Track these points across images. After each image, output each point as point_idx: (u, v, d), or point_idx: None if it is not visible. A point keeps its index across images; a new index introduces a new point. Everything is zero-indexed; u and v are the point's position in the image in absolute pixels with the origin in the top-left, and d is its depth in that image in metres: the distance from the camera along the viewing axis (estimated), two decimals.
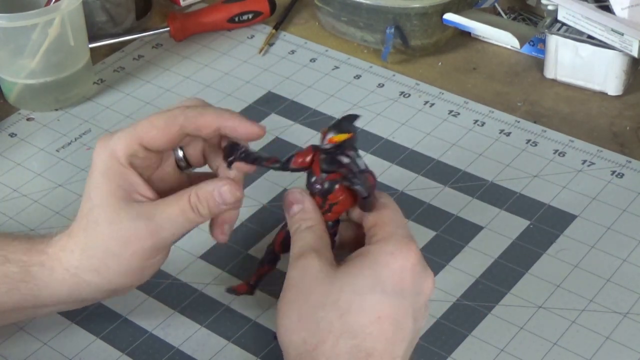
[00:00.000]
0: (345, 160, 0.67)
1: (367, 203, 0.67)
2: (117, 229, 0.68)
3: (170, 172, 0.72)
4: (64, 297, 0.70)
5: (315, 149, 0.69)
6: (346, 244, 0.70)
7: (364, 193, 0.67)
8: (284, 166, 0.70)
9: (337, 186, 0.68)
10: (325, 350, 0.62)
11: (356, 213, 0.69)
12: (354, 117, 0.70)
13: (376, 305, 0.63)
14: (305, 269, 0.64)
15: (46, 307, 0.72)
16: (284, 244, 0.71)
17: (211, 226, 0.72)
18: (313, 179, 0.69)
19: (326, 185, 0.68)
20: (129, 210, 0.68)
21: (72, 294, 0.70)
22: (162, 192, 0.70)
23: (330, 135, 0.68)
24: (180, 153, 0.73)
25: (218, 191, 0.68)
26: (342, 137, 0.68)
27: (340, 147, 0.68)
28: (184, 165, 0.73)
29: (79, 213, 0.70)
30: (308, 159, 0.69)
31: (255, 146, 0.80)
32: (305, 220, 0.68)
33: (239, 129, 0.69)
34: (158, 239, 0.68)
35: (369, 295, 0.63)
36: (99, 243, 0.68)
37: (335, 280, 0.63)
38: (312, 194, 0.69)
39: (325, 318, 0.62)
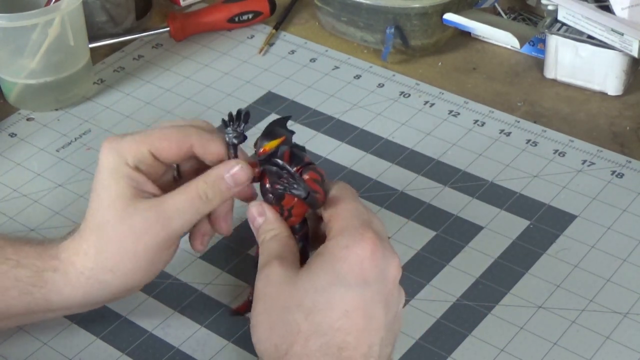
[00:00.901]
0: (274, 169, 0.69)
1: (311, 202, 0.68)
2: (129, 225, 0.68)
3: (168, 184, 0.73)
4: (77, 301, 0.70)
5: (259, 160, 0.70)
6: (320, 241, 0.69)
7: (301, 195, 0.67)
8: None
9: (283, 194, 0.69)
10: (297, 352, 0.62)
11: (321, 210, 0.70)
12: (285, 119, 0.71)
13: (341, 300, 0.63)
14: (269, 278, 0.65)
15: (57, 311, 0.72)
16: None
17: (191, 236, 0.73)
18: (263, 190, 0.70)
19: (275, 193, 0.69)
20: (139, 206, 0.69)
21: (86, 297, 0.70)
22: None
23: (263, 144, 0.69)
24: (175, 166, 0.74)
25: (230, 174, 0.69)
26: (273, 143, 0.69)
27: (271, 156, 0.69)
28: (177, 178, 0.74)
29: (88, 214, 0.70)
30: (256, 171, 0.70)
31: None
32: (268, 231, 0.69)
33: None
34: (169, 231, 0.69)
35: (332, 291, 0.63)
36: (113, 241, 0.69)
37: (297, 282, 0.64)
38: (269, 204, 0.70)
39: (292, 321, 0.63)
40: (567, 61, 0.98)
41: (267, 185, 0.70)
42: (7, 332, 0.75)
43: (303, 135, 0.93)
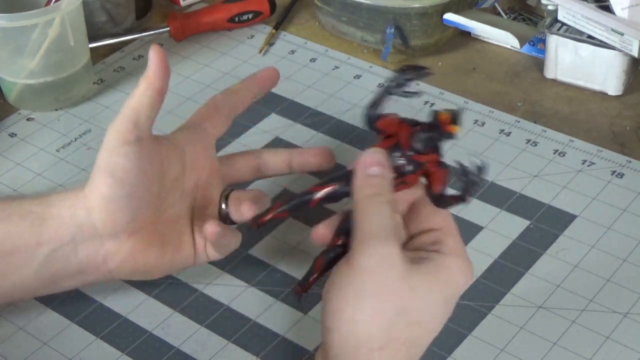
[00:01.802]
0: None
1: (443, 201, 0.65)
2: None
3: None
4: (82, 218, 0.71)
5: (404, 120, 0.65)
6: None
7: (469, 199, 0.65)
8: (371, 124, 0.66)
9: (419, 168, 0.64)
10: (389, 354, 0.61)
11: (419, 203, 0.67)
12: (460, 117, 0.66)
13: (435, 321, 0.63)
14: (389, 261, 0.60)
15: (49, 241, 0.71)
16: (323, 201, 0.66)
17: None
18: (397, 152, 0.64)
19: (410, 166, 0.64)
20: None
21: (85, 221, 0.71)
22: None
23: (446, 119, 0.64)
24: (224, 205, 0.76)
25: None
26: (457, 128, 0.64)
27: (449, 137, 0.64)
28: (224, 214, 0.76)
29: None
30: (395, 128, 0.65)
31: (256, 146, 0.80)
32: (382, 193, 0.63)
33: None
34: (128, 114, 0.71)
35: (435, 310, 0.63)
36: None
37: (414, 287, 0.61)
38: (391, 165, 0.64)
39: (398, 323, 0.61)
40: (567, 61, 0.98)
41: (403, 150, 0.64)
42: (7, 332, 0.75)
43: (303, 135, 0.93)
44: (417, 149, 0.64)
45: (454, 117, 0.64)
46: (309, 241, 0.68)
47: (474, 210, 0.84)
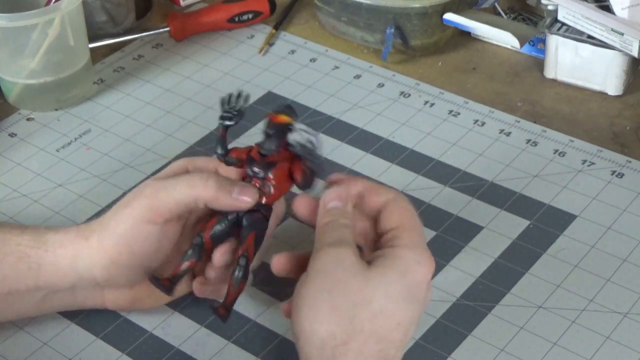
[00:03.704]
0: (298, 138, 0.69)
1: (308, 185, 0.70)
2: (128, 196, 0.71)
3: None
4: (65, 267, 0.71)
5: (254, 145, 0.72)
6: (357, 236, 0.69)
7: (320, 173, 0.69)
8: (224, 158, 0.72)
9: (276, 166, 0.70)
10: (354, 348, 0.61)
11: (371, 208, 0.69)
12: (293, 108, 0.72)
13: (399, 312, 0.63)
14: (341, 260, 0.64)
15: (43, 288, 0.72)
16: (214, 237, 0.71)
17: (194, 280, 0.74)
18: (253, 165, 0.70)
19: (268, 170, 0.70)
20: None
21: (75, 261, 0.71)
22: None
23: (277, 115, 0.70)
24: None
25: (239, 187, 0.70)
26: (286, 118, 0.70)
27: (283, 127, 0.70)
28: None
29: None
30: (247, 152, 0.71)
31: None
32: (344, 218, 0.67)
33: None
34: (155, 200, 0.70)
35: (397, 301, 0.63)
36: (113, 211, 0.71)
37: (370, 280, 0.63)
38: (251, 177, 0.70)
39: (358, 316, 0.62)
40: (567, 61, 0.98)
41: (257, 161, 0.70)
42: (7, 332, 0.75)
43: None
44: (267, 152, 0.70)
45: (280, 110, 0.70)
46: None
47: (474, 210, 0.84)
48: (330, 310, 0.62)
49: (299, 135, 0.69)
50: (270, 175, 0.70)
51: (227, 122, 0.71)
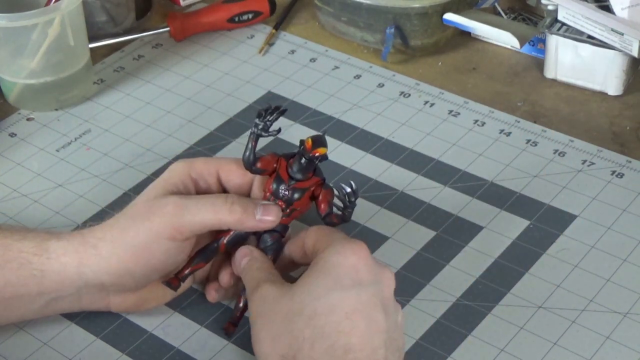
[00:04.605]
0: (347, 188, 0.72)
1: (330, 220, 0.73)
2: (144, 205, 0.72)
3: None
4: (70, 274, 0.71)
5: (279, 156, 0.73)
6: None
7: (346, 220, 0.72)
8: (252, 167, 0.73)
9: (304, 194, 0.72)
10: (304, 356, 0.63)
11: (291, 250, 0.73)
12: (325, 133, 0.74)
13: (340, 303, 0.64)
14: (265, 297, 0.67)
15: (47, 293, 0.72)
16: (229, 244, 0.73)
17: (206, 287, 0.76)
18: (281, 186, 0.72)
19: (295, 194, 0.72)
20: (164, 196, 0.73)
21: (80, 268, 0.71)
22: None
23: (316, 147, 0.72)
24: None
25: (261, 204, 0.72)
26: (324, 150, 0.72)
27: (321, 158, 0.72)
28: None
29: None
30: (274, 165, 0.73)
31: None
32: (255, 263, 0.71)
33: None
34: (178, 218, 0.70)
35: (330, 296, 0.64)
36: (125, 216, 0.72)
37: (294, 294, 0.65)
38: (277, 198, 0.72)
39: (295, 329, 0.64)
40: (567, 61, 0.98)
41: (285, 184, 0.72)
42: (7, 332, 0.75)
43: (303, 136, 0.93)
44: (297, 177, 0.72)
45: (317, 141, 0.72)
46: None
47: (474, 210, 0.84)
48: (272, 339, 0.65)
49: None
50: (296, 202, 0.72)
51: (264, 134, 0.73)
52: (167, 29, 1.08)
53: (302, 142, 0.72)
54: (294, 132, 0.94)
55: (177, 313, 0.77)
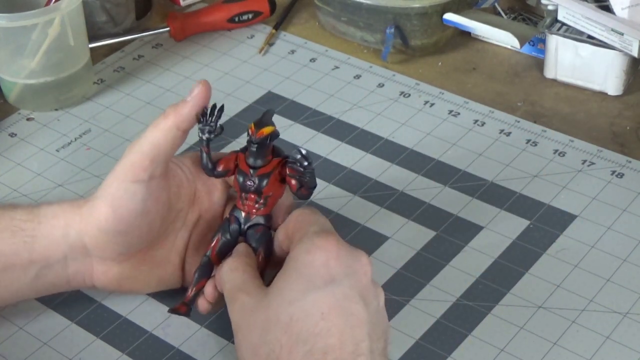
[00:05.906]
0: (296, 154, 0.71)
1: (302, 194, 0.71)
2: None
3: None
4: (58, 237, 0.71)
5: (238, 151, 0.73)
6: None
7: (312, 185, 0.71)
8: (214, 173, 0.73)
9: (269, 178, 0.71)
10: None
11: (280, 241, 0.72)
12: (272, 112, 0.73)
13: (315, 304, 0.63)
14: (242, 309, 0.66)
15: (38, 261, 0.72)
16: (219, 253, 0.73)
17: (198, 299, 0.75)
18: (245, 178, 0.72)
19: (257, 180, 0.71)
20: None
21: (67, 229, 0.71)
22: None
23: (259, 129, 0.71)
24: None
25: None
26: (269, 129, 0.71)
27: (271, 138, 0.71)
28: None
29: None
30: (235, 162, 0.73)
31: None
32: (228, 278, 0.69)
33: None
34: (136, 148, 0.71)
35: (304, 298, 0.63)
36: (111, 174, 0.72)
37: (270, 302, 0.65)
38: (246, 191, 0.72)
39: (273, 339, 0.63)
40: (567, 61, 0.98)
41: (247, 175, 0.71)
42: (7, 332, 0.75)
43: (303, 135, 0.93)
44: (258, 165, 0.72)
45: (259, 123, 0.71)
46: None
47: (474, 210, 0.84)
48: (252, 352, 0.64)
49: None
50: (265, 188, 0.72)
51: (212, 136, 0.73)
52: (167, 29, 1.08)
53: (247, 128, 0.72)
54: (294, 132, 0.94)
55: None
